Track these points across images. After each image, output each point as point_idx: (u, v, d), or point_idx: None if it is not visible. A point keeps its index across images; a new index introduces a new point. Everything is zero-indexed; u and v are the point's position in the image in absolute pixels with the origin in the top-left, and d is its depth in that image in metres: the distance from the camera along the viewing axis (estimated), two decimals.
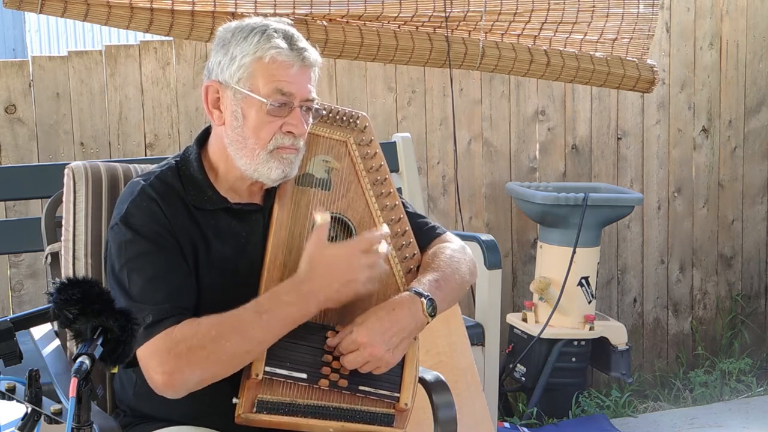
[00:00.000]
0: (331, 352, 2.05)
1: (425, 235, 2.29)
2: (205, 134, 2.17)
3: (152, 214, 2.04)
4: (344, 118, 2.25)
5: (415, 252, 2.24)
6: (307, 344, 2.03)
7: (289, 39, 2.05)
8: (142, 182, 2.09)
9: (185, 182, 2.10)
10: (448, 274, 2.18)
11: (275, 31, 2.04)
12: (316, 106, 2.11)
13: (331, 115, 2.24)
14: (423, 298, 2.07)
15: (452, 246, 2.27)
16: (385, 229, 2.13)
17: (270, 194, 2.15)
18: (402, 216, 2.24)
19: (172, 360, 1.92)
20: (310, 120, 2.11)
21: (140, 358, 1.94)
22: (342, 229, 2.18)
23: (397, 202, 2.24)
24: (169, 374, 1.92)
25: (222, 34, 2.10)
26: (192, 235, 2.06)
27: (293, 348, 2.02)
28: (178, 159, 2.15)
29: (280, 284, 2.02)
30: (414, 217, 2.30)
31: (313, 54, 2.08)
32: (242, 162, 2.06)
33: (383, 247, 2.07)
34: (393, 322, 2.03)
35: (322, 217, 2.06)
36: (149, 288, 1.98)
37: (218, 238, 2.09)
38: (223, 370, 1.96)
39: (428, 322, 2.09)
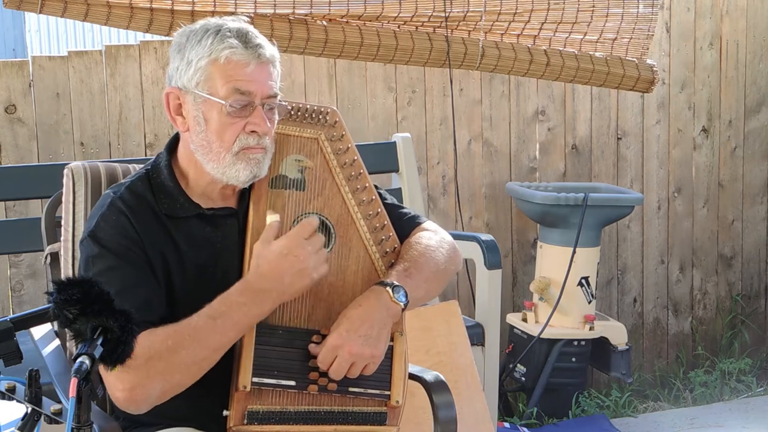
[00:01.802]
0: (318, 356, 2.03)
1: (406, 225, 2.26)
2: (175, 140, 2.15)
3: (120, 228, 2.01)
4: (313, 115, 2.20)
5: (396, 245, 2.20)
6: (293, 350, 2.02)
7: (243, 37, 2.01)
8: (112, 194, 2.07)
9: (156, 191, 2.08)
10: (421, 262, 2.15)
11: (229, 31, 2.01)
12: (281, 102, 2.08)
13: (299, 113, 2.19)
14: (388, 287, 2.05)
15: (428, 234, 2.24)
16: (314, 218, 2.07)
17: (244, 196, 2.12)
18: (380, 210, 2.20)
19: (131, 374, 1.87)
20: (276, 117, 2.07)
21: (103, 375, 1.88)
22: (320, 228, 2.14)
23: (374, 197, 2.20)
24: (129, 390, 1.89)
25: (178, 39, 2.07)
26: (162, 247, 2.04)
27: (279, 356, 2.00)
28: (149, 167, 2.13)
29: (233, 286, 1.98)
30: (394, 209, 2.26)
31: (269, 50, 2.04)
32: (210, 166, 2.04)
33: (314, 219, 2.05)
34: (363, 318, 2.01)
35: (271, 217, 2.04)
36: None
37: (192, 245, 2.06)
38: (183, 380, 1.94)
39: (403, 309, 2.06)
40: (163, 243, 2.04)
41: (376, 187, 2.24)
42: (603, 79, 4.27)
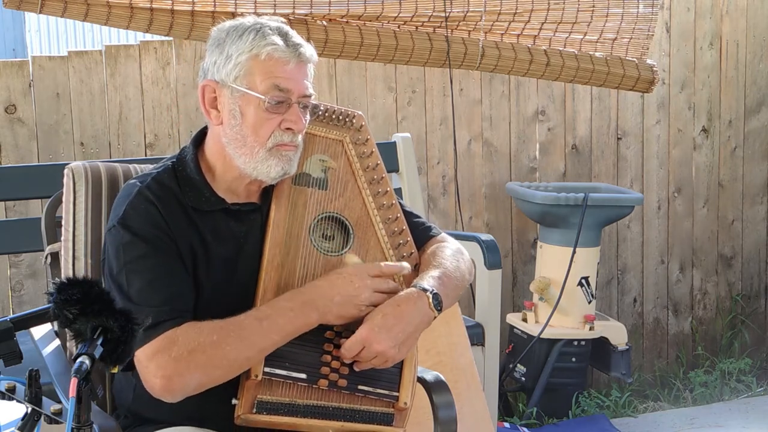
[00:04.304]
0: (331, 352, 2.05)
1: (421, 234, 2.29)
2: (201, 135, 2.17)
3: (150, 216, 2.03)
4: (340, 117, 2.25)
5: (413, 251, 2.23)
6: (307, 344, 2.03)
7: (284, 36, 2.05)
8: (139, 184, 2.08)
9: (182, 183, 2.09)
10: (451, 270, 2.18)
11: (270, 29, 2.05)
12: (314, 102, 2.11)
13: (327, 114, 2.24)
14: (428, 293, 2.07)
15: (450, 246, 2.28)
16: (406, 265, 2.14)
17: (267, 193, 2.15)
18: (399, 215, 2.24)
19: (171, 364, 1.91)
20: (308, 116, 2.11)
21: (138, 360, 1.93)
22: (339, 228, 2.18)
23: (393, 201, 2.24)
24: (168, 378, 1.91)
25: (216, 34, 2.10)
26: (190, 237, 2.05)
27: (292, 348, 2.01)
28: (175, 160, 2.14)
29: (284, 293, 2.03)
30: (410, 217, 2.30)
31: (308, 50, 2.08)
32: (241, 161, 2.06)
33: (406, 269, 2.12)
34: (398, 318, 2.03)
35: (352, 259, 2.12)
36: (148, 290, 1.97)
37: (217, 239, 2.08)
38: (222, 375, 1.96)
39: (435, 317, 2.08)
40: (191, 234, 2.06)
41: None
42: (603, 79, 4.27)
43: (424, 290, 2.08)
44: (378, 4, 3.80)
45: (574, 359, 4.09)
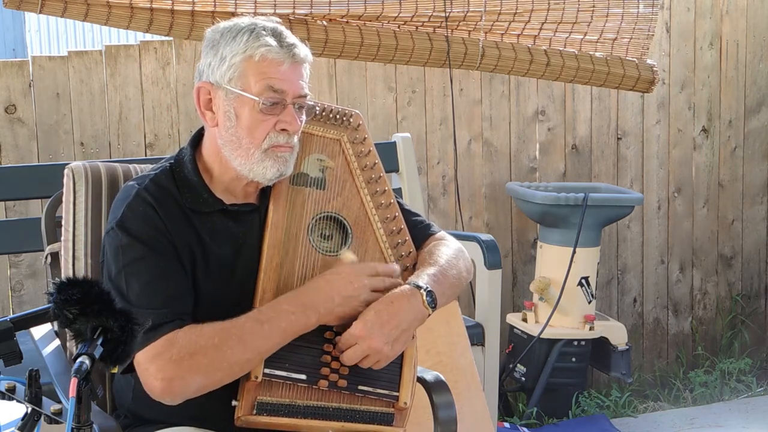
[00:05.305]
0: (330, 352, 2.05)
1: (420, 233, 2.29)
2: (199, 136, 2.17)
3: (148, 218, 2.03)
4: (337, 117, 2.25)
5: (411, 250, 2.23)
6: (306, 345, 2.03)
7: (278, 36, 2.05)
8: (137, 186, 2.08)
9: (180, 185, 2.09)
10: (446, 268, 2.17)
11: (264, 30, 2.04)
12: (309, 103, 2.11)
13: (324, 113, 2.23)
14: (422, 290, 2.07)
15: (448, 244, 2.27)
16: (396, 267, 2.13)
17: (265, 193, 2.15)
18: (397, 214, 2.23)
19: (172, 366, 1.91)
20: (304, 117, 2.10)
21: (138, 363, 1.93)
22: (337, 227, 2.18)
23: (392, 201, 2.24)
24: (168, 381, 1.91)
25: (211, 35, 2.10)
26: (188, 239, 2.05)
27: (292, 349, 2.01)
28: (173, 161, 2.14)
29: (283, 295, 2.02)
30: (409, 215, 2.29)
31: (303, 50, 2.08)
32: (237, 162, 2.06)
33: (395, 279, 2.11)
34: (391, 314, 2.02)
35: (350, 256, 2.11)
36: (147, 292, 1.97)
37: (215, 240, 2.08)
38: (223, 377, 1.96)
39: (429, 314, 2.08)
40: (189, 235, 2.05)
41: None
42: (603, 79, 4.27)
43: (418, 287, 2.07)
44: (378, 4, 3.80)
45: (574, 359, 4.09)
